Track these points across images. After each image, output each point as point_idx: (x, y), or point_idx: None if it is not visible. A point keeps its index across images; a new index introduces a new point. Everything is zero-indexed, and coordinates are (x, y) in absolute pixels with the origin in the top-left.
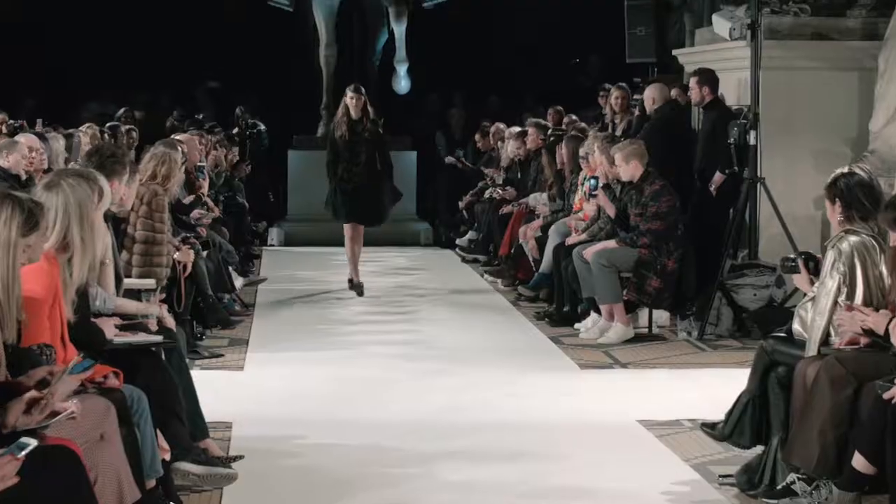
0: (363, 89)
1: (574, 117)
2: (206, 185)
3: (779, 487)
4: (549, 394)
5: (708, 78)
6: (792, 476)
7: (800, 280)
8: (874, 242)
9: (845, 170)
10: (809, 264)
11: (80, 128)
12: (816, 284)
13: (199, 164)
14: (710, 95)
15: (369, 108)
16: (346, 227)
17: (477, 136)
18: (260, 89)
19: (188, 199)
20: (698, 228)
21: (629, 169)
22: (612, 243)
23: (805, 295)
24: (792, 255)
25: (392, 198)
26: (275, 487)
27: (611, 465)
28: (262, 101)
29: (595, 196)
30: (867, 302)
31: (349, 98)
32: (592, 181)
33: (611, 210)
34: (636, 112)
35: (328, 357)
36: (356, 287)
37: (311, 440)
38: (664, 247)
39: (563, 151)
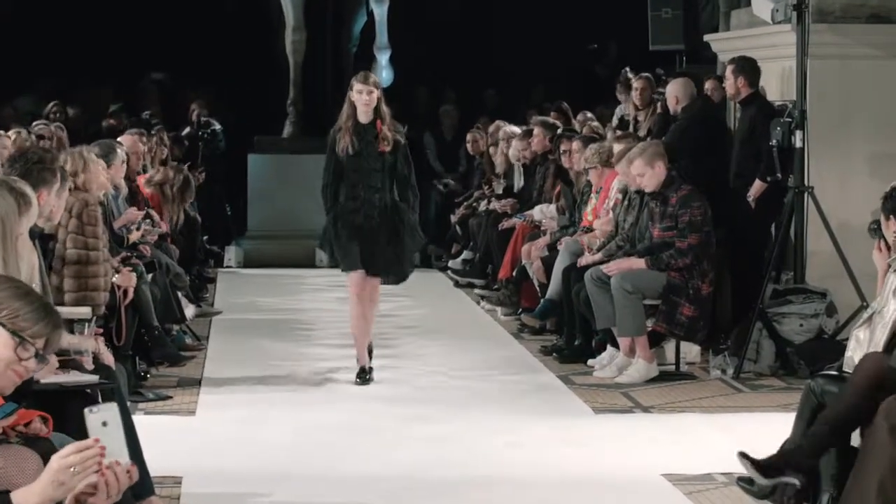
0: (377, 80)
1: (589, 114)
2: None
3: None
4: (557, 443)
5: (746, 68)
6: None
7: (877, 257)
8: None
9: None
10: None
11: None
12: (875, 301)
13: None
14: (748, 89)
15: (385, 109)
16: (353, 279)
17: (468, 137)
18: (214, 82)
19: (134, 214)
20: (735, 247)
21: (655, 174)
22: (638, 263)
23: (860, 318)
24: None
25: (413, 243)
26: None
27: None
28: (216, 96)
29: None
30: None
31: (356, 93)
32: None
33: None
34: (659, 110)
35: (294, 400)
36: (362, 374)
37: (274, 498)
38: (697, 267)
39: (572, 154)
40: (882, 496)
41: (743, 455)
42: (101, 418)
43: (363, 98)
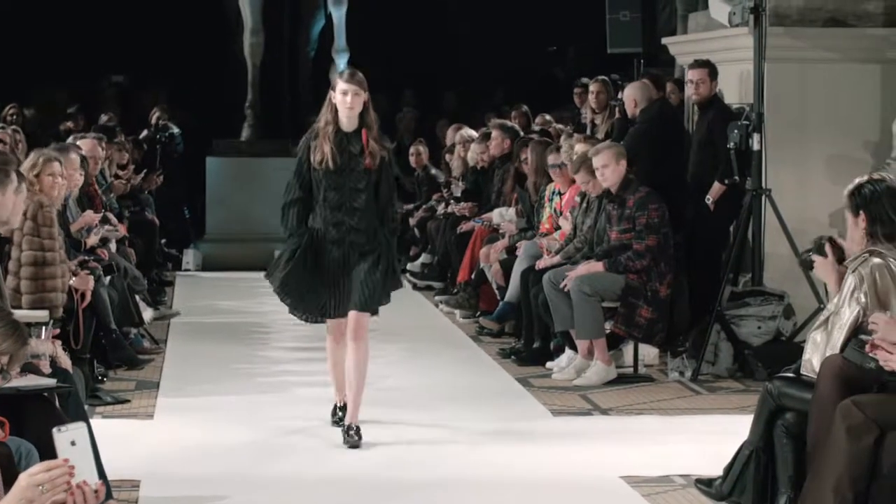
0: (364, 80)
1: (548, 117)
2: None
3: None
4: (515, 446)
5: (715, 71)
6: None
7: (822, 267)
8: None
9: (874, 175)
10: (835, 249)
11: None
12: (831, 304)
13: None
14: (711, 92)
15: (372, 115)
16: (329, 327)
17: (411, 150)
18: (173, 85)
19: (91, 217)
20: (693, 249)
21: (617, 170)
22: (597, 266)
23: (817, 320)
24: (810, 248)
25: (390, 279)
26: None
27: None
28: (174, 99)
29: None
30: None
31: (340, 93)
32: None
33: None
34: (616, 114)
35: (253, 403)
36: (350, 436)
37: (233, 501)
38: (654, 269)
39: (528, 159)
40: (839, 497)
41: None
42: (70, 437)
43: (348, 101)
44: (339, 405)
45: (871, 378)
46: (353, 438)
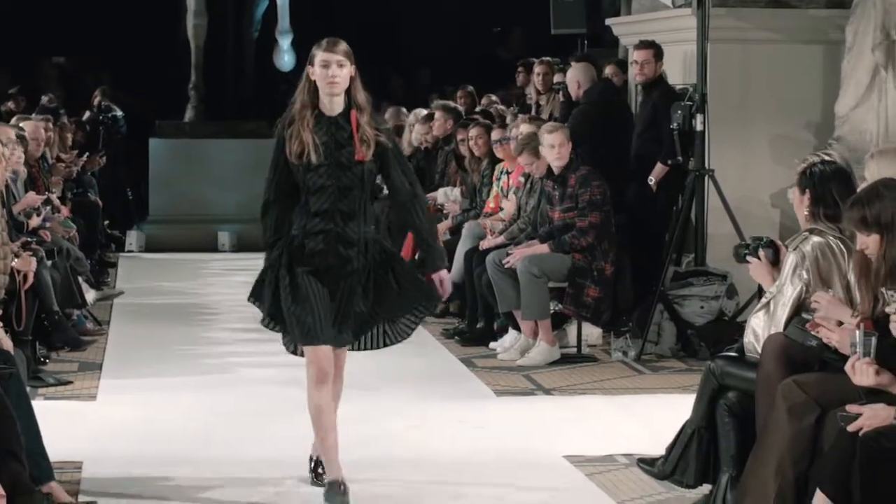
0: (350, 51)
1: (494, 98)
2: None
3: None
4: (459, 426)
5: (660, 52)
6: None
7: (757, 270)
8: (841, 246)
9: (825, 156)
10: (768, 252)
11: None
12: (773, 286)
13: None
14: (656, 73)
15: (362, 94)
16: (317, 355)
17: None
18: (115, 66)
19: (34, 199)
20: (636, 230)
21: (564, 152)
22: (542, 248)
23: (759, 301)
24: (745, 243)
25: (417, 291)
26: None
27: None
28: (117, 80)
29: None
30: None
31: (320, 66)
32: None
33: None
34: (560, 97)
35: (197, 384)
36: (334, 493)
37: (176, 482)
38: (598, 248)
39: (471, 139)
40: (780, 475)
41: None
42: None
43: (330, 74)
44: (317, 466)
45: (813, 357)
46: (335, 493)
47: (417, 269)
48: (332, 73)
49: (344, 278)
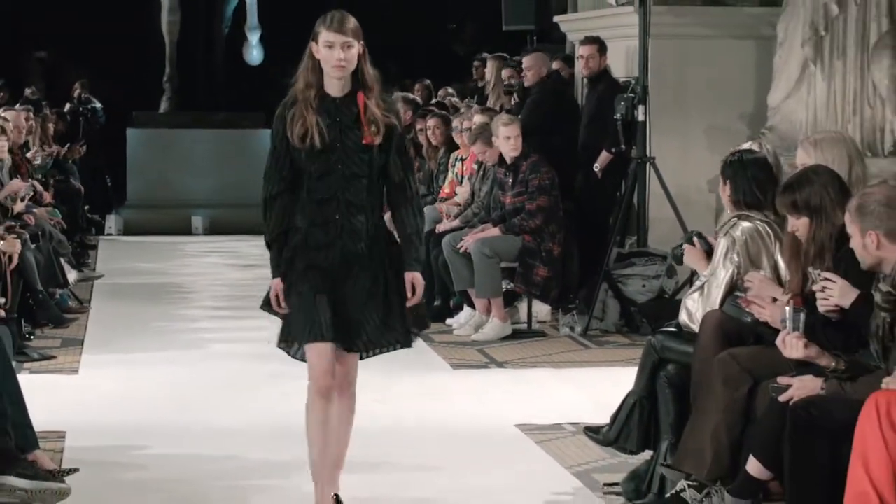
0: (358, 28)
1: (450, 90)
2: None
3: (667, 496)
4: (417, 397)
5: (605, 46)
6: (682, 483)
7: (691, 256)
8: (769, 229)
9: (745, 146)
10: (702, 242)
11: None
12: (707, 270)
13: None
14: (601, 67)
15: (371, 73)
16: (315, 355)
17: None
18: (94, 60)
19: (18, 185)
20: (582, 214)
21: (518, 143)
22: (494, 231)
23: (692, 284)
24: (680, 243)
25: (401, 323)
26: (112, 503)
27: (486, 473)
28: (96, 74)
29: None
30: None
31: (324, 46)
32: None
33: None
34: (515, 98)
35: (174, 358)
36: None
37: (155, 451)
38: (546, 230)
39: (429, 129)
40: (715, 442)
41: None
42: None
43: (335, 57)
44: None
45: (747, 331)
46: None
47: None
48: (339, 56)
49: (351, 276)
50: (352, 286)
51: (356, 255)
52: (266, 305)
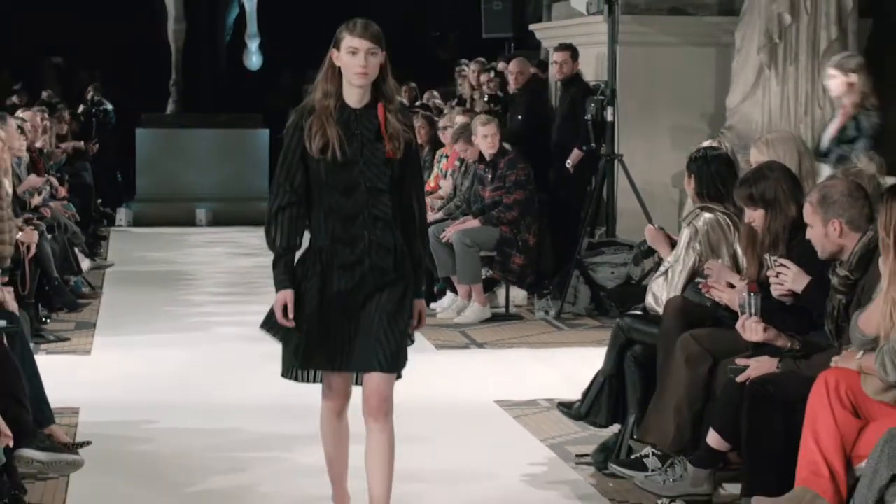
0: (381, 34)
1: (435, 93)
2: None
3: (632, 458)
4: (404, 376)
5: (577, 53)
6: (647, 449)
7: (654, 237)
8: (728, 220)
9: (708, 143)
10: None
11: None
12: (671, 256)
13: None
14: (573, 71)
15: (392, 83)
16: (328, 383)
17: None
18: (105, 65)
19: (36, 181)
20: (555, 206)
21: (496, 141)
22: (474, 222)
23: (656, 270)
24: (642, 240)
25: (395, 345)
26: (123, 474)
27: (467, 446)
28: (108, 77)
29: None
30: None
31: (347, 53)
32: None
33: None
34: (493, 106)
35: (180, 340)
36: None
37: (162, 425)
38: (522, 221)
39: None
40: (678, 416)
41: None
42: None
43: (358, 64)
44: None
45: (707, 314)
46: None
47: None
48: (362, 63)
49: (374, 294)
50: (376, 303)
51: (382, 271)
52: (266, 326)
